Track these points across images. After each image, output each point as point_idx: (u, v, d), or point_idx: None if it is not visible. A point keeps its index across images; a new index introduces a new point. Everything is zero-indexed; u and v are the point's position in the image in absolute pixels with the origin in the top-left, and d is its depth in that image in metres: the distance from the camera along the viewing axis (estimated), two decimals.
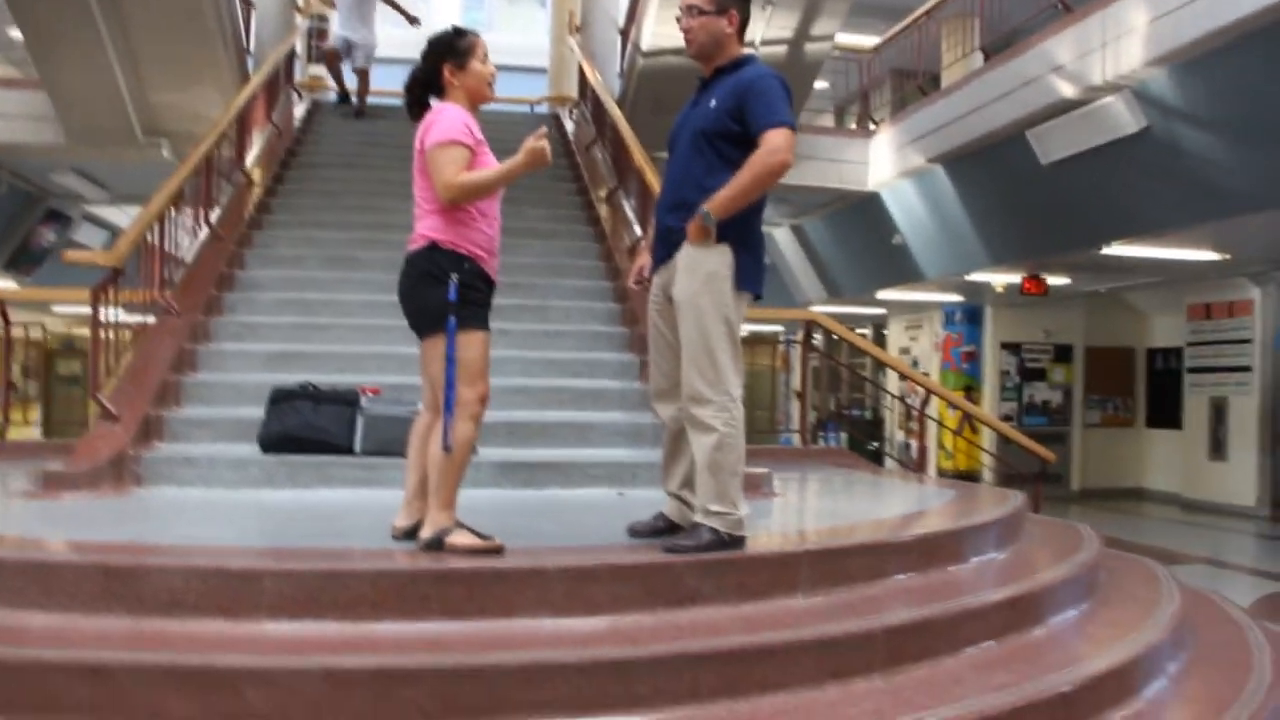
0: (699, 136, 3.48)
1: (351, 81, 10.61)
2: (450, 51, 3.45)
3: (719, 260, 3.41)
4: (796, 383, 14.17)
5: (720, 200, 3.34)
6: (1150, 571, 4.92)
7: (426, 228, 3.34)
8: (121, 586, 3.01)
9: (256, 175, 8.49)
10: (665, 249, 3.57)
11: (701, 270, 3.42)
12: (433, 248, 3.31)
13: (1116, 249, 9.78)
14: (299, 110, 10.69)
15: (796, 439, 7.93)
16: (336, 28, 10.59)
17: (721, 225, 3.38)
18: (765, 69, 3.52)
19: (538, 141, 3.32)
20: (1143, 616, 3.97)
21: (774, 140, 3.34)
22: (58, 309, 14.24)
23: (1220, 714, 3.36)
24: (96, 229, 14.65)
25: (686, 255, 3.45)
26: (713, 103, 3.46)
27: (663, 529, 3.58)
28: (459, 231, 3.31)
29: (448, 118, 3.34)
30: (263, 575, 3.01)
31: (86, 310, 5.19)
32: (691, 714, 2.80)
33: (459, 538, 3.26)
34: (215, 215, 7.33)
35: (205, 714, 2.61)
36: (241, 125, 8.22)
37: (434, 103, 3.50)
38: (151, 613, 2.97)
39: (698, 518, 3.40)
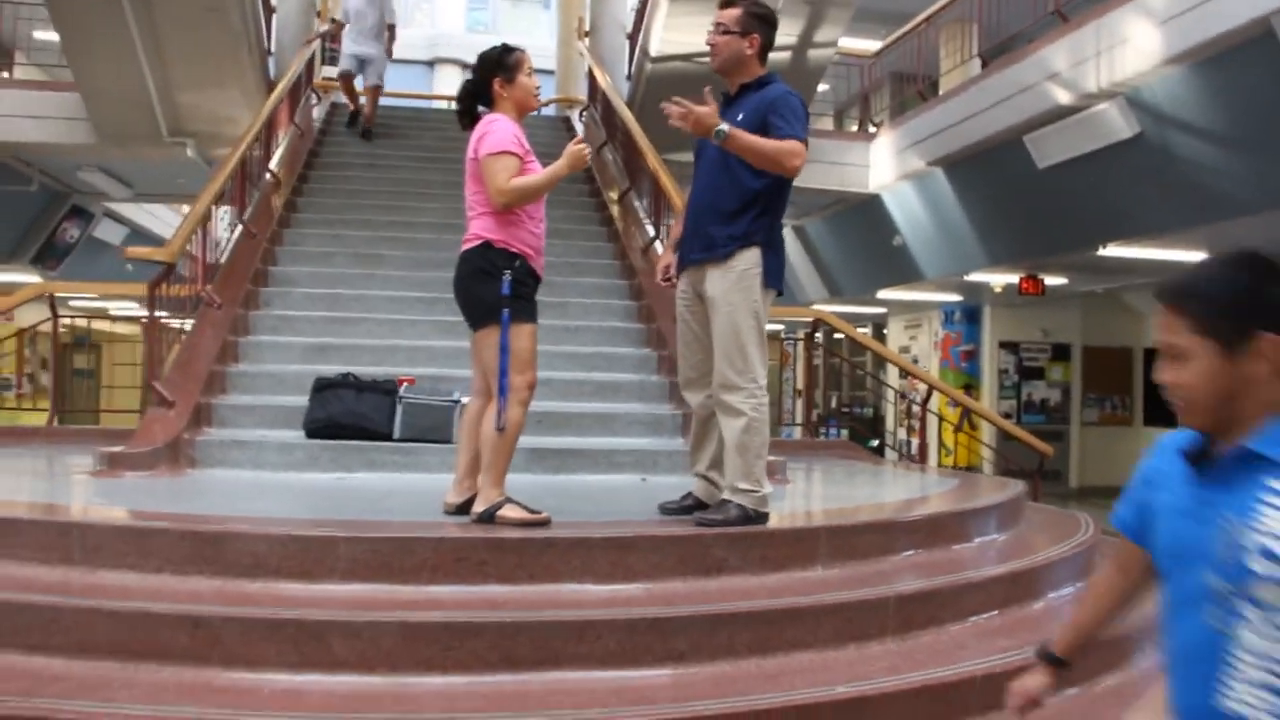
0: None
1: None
2: (499, 66, 3.79)
3: (750, 260, 3.75)
4: (798, 380, 14.53)
5: (740, 138, 3.63)
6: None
7: (480, 228, 3.68)
8: (210, 551, 3.34)
9: (282, 175, 8.80)
10: (695, 250, 3.89)
11: (734, 270, 3.75)
12: (486, 246, 3.65)
13: (1112, 250, 10.08)
14: (318, 112, 11.00)
15: (799, 433, 8.25)
16: (348, 45, 10.31)
17: (752, 229, 3.75)
18: (787, 88, 3.86)
19: (577, 146, 3.67)
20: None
21: (793, 146, 3.68)
22: (73, 303, 14.58)
23: None
24: (116, 225, 14.96)
25: (721, 259, 3.77)
26: (740, 116, 3.78)
27: (691, 507, 3.92)
28: (510, 231, 3.65)
29: (499, 129, 3.67)
30: (337, 542, 3.34)
31: (97, 304, 5.53)
32: (725, 669, 3.14)
33: (510, 511, 3.60)
34: (247, 214, 7.65)
35: (296, 661, 2.94)
36: (269, 127, 8.53)
37: (483, 112, 3.84)
38: (237, 575, 3.31)
39: (726, 495, 3.73)
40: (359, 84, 10.27)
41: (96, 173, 12.26)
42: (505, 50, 3.85)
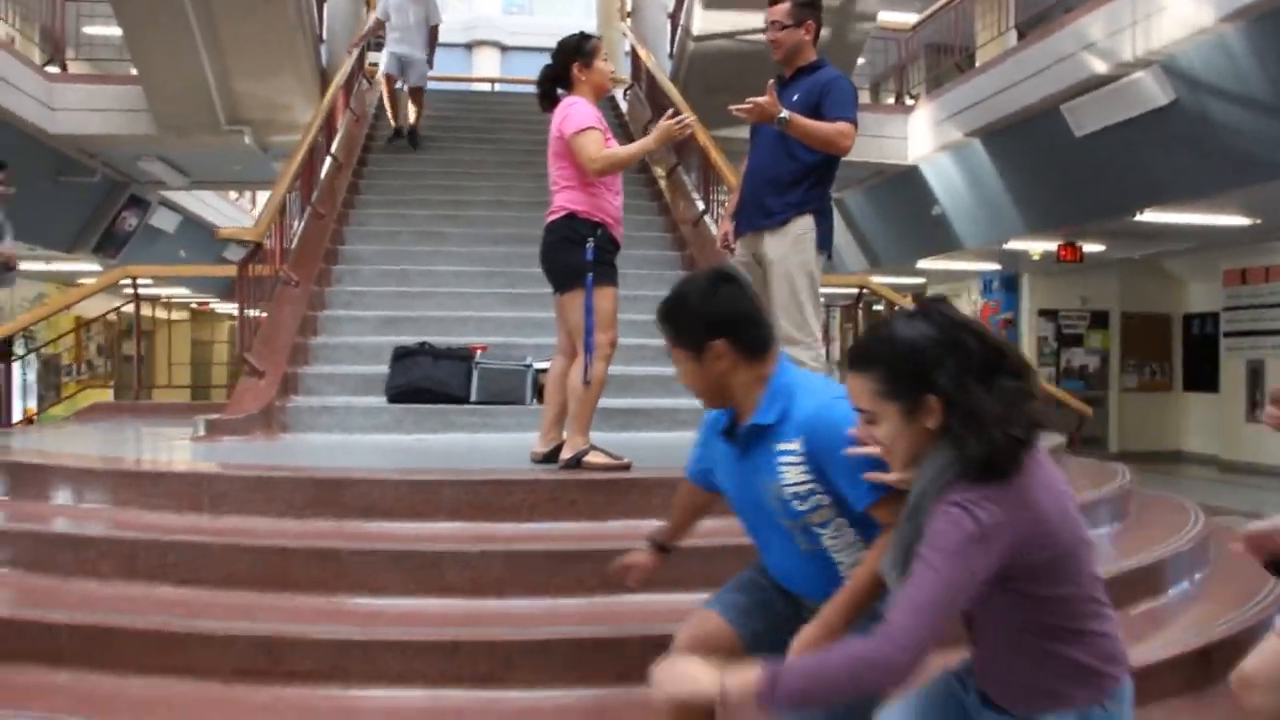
0: None
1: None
2: (578, 52, 4.13)
3: (805, 225, 4.12)
4: (836, 352, 14.79)
5: (800, 123, 3.96)
6: (1179, 504, 5.48)
7: (565, 200, 4.02)
8: (328, 496, 3.72)
9: (343, 159, 9.17)
10: (755, 218, 4.23)
11: (790, 235, 4.11)
12: (571, 216, 3.99)
13: (1149, 216, 10.27)
14: (370, 96, 11.37)
15: None
16: (390, 45, 9.97)
17: (806, 198, 4.13)
18: (837, 72, 4.23)
19: (669, 122, 4.00)
20: (1170, 534, 4.53)
21: (844, 128, 4.04)
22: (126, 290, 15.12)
23: (1237, 608, 3.94)
24: (170, 213, 15.44)
25: (779, 225, 4.11)
26: (795, 98, 4.12)
27: None
28: (593, 203, 4.00)
29: (580, 109, 4.01)
30: (442, 485, 3.71)
31: (152, 291, 5.92)
32: None
33: (595, 457, 3.95)
34: (314, 196, 8.03)
35: (415, 587, 3.32)
36: (330, 112, 8.90)
37: (561, 95, 4.17)
38: (354, 517, 3.68)
39: None
40: (400, 86, 9.91)
41: (155, 162, 12.69)
42: (583, 37, 4.20)
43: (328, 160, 8.63)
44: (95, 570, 3.52)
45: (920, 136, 12.12)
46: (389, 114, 9.94)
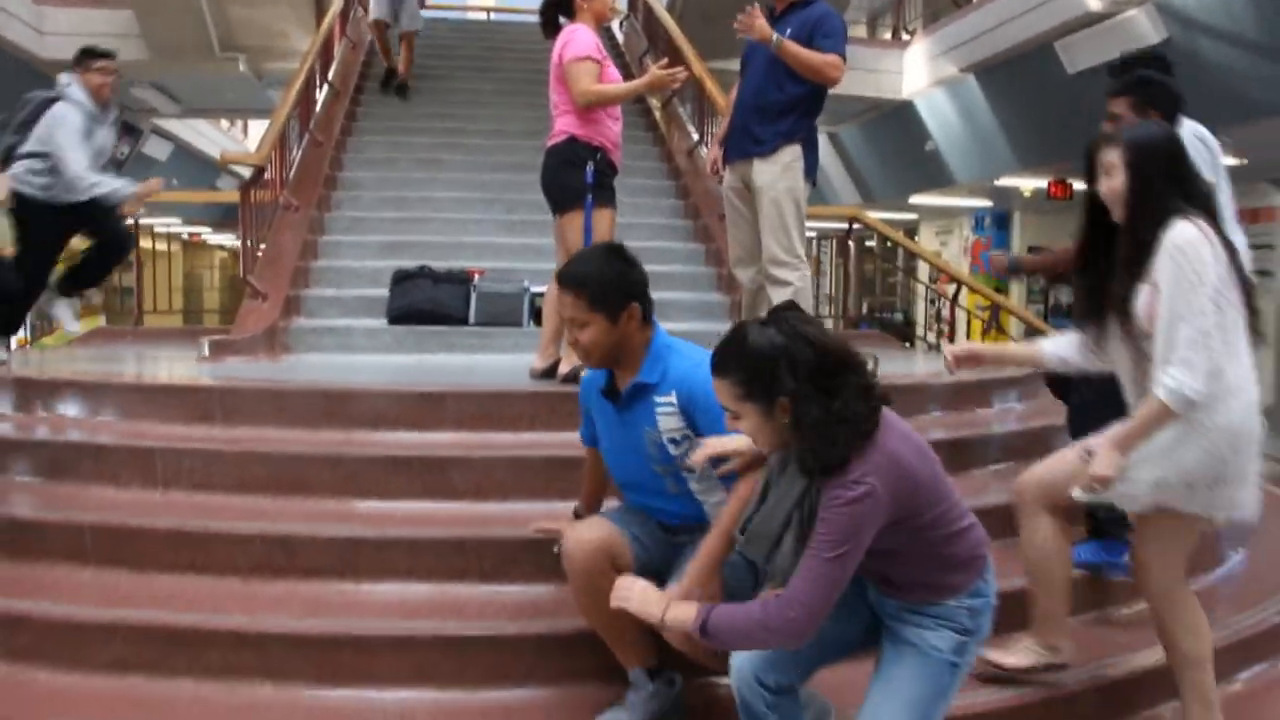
0: (774, 59, 4.25)
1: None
2: None
3: (793, 154, 4.32)
4: (832, 285, 14.94)
5: (791, 49, 4.15)
6: None
7: (566, 125, 4.15)
8: (336, 407, 3.88)
9: (339, 87, 9.19)
10: (745, 145, 4.37)
11: (780, 162, 4.29)
12: (572, 140, 4.12)
13: None
14: (366, 24, 11.31)
15: (832, 325, 8.71)
16: None
17: (795, 128, 4.31)
18: (828, 8, 4.34)
19: (664, 72, 4.14)
20: None
21: (834, 59, 4.21)
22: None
23: None
24: (162, 141, 15.41)
25: (768, 153, 4.26)
26: (788, 31, 4.23)
27: None
28: (593, 128, 4.12)
29: (580, 38, 4.12)
30: (446, 397, 3.88)
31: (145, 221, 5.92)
32: None
33: None
34: (313, 123, 8.08)
35: (423, 491, 3.51)
36: (327, 39, 8.89)
37: (564, 23, 4.27)
38: (361, 427, 3.85)
39: None
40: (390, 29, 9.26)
41: (148, 89, 12.65)
42: None
43: (324, 88, 8.66)
44: (114, 478, 3.67)
45: (915, 71, 12.14)
46: (382, 56, 9.49)
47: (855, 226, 8.97)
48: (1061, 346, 2.91)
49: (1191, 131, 3.47)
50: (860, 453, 2.12)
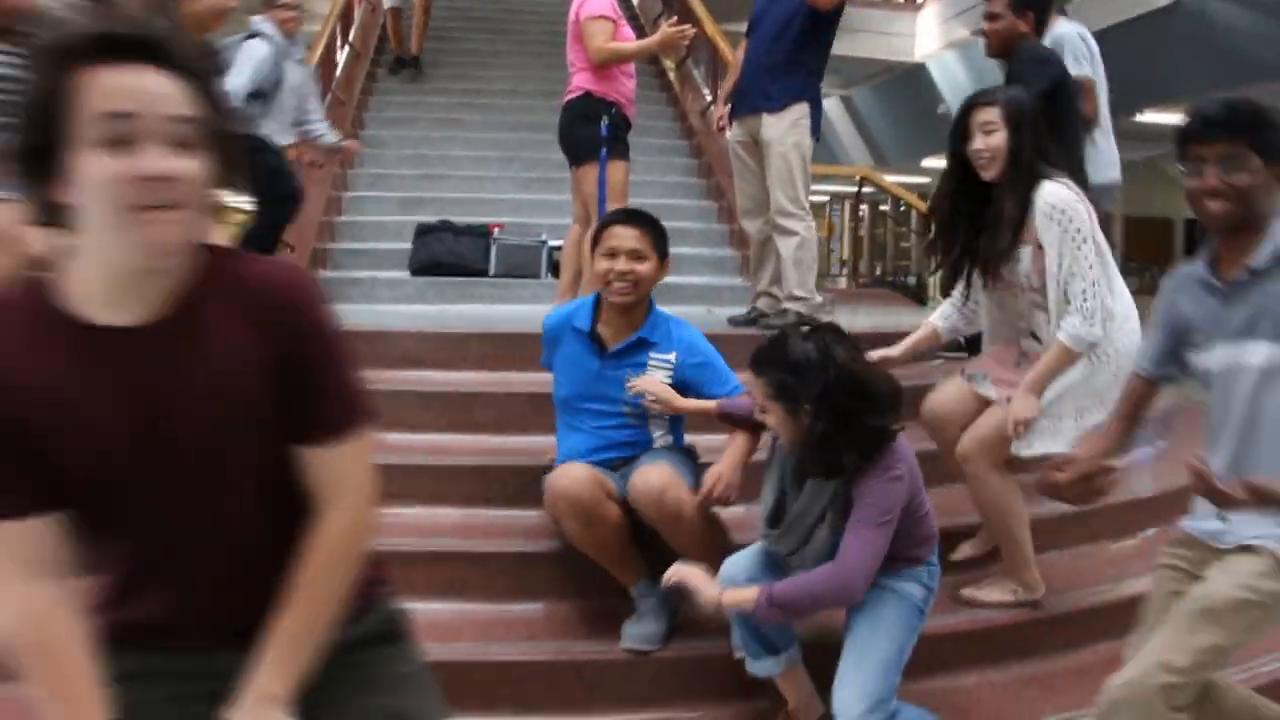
0: (782, 20, 4.42)
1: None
2: None
3: (801, 111, 4.47)
4: (844, 249, 15.07)
5: None
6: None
7: (582, 81, 4.35)
8: (366, 347, 4.07)
9: (359, 48, 9.36)
10: (755, 100, 4.55)
11: (788, 119, 4.45)
12: (588, 95, 4.32)
13: (1150, 116, 10.47)
14: None
15: (845, 283, 8.88)
16: None
17: (804, 85, 4.47)
18: None
19: (675, 30, 4.31)
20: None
21: None
22: None
23: None
24: None
25: (777, 109, 4.44)
26: None
27: (756, 318, 4.63)
28: (608, 84, 4.32)
29: None
30: (470, 339, 4.11)
31: None
32: None
33: None
34: (334, 83, 8.27)
35: (448, 424, 3.74)
36: (347, 3, 9.06)
37: None
38: (390, 366, 4.06)
39: (785, 304, 4.44)
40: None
41: None
42: None
43: (345, 49, 8.84)
44: None
45: (928, 34, 12.24)
46: (393, 43, 9.21)
47: (866, 189, 9.14)
48: (948, 316, 3.21)
49: (1076, 31, 3.75)
50: (890, 450, 2.45)
